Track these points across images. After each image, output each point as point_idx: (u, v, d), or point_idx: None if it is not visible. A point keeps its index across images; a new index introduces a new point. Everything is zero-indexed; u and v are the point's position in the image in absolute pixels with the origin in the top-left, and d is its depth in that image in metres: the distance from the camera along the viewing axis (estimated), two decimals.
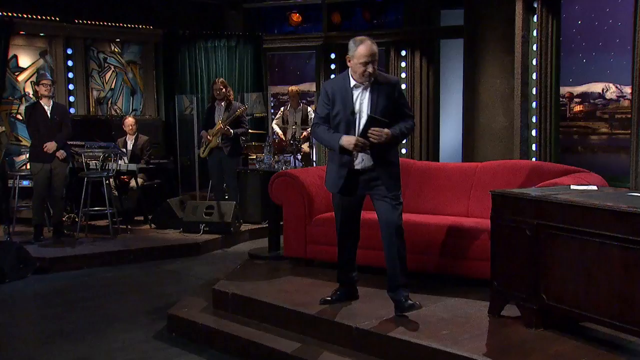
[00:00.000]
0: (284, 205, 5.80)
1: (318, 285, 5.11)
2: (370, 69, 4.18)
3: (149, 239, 8.08)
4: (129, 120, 9.12)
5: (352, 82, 4.26)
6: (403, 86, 10.72)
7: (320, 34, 11.39)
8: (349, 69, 4.28)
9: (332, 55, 11.39)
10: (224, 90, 8.43)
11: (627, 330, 3.47)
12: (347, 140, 4.17)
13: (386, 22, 11.06)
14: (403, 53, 10.82)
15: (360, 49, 4.17)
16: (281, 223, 6.00)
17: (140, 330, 5.08)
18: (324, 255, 5.62)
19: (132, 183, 8.76)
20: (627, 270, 3.39)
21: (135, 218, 9.01)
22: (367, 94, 4.25)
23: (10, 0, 9.78)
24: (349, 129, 4.25)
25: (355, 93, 4.26)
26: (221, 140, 8.36)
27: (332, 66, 11.44)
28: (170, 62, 11.21)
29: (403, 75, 10.78)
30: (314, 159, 10.12)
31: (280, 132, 9.71)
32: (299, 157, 8.85)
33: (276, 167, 6.84)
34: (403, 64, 10.81)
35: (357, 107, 4.26)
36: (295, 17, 11.47)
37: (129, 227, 8.54)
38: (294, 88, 9.82)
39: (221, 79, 8.69)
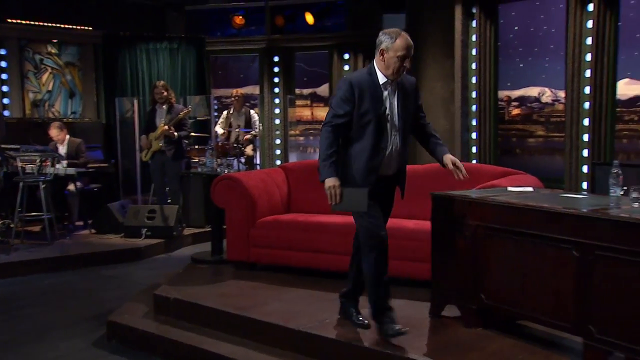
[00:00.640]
0: (226, 208, 5.77)
1: (261, 288, 5.09)
2: (407, 64, 3.81)
3: (89, 244, 7.90)
4: (53, 132, 8.66)
5: (382, 79, 3.82)
6: None
7: (264, 37, 11.37)
8: (375, 64, 3.84)
9: (276, 59, 11.38)
10: (165, 93, 8.32)
11: (561, 327, 3.57)
12: (331, 185, 3.78)
13: (329, 25, 11.13)
14: (346, 56, 10.90)
15: (399, 42, 3.75)
16: (224, 227, 5.96)
17: (79, 338, 4.96)
18: (267, 259, 5.64)
19: (71, 187, 8.54)
20: (560, 269, 3.49)
21: (75, 223, 8.79)
22: (395, 94, 3.89)
23: None
24: (381, 131, 3.84)
25: (385, 92, 3.86)
26: (164, 143, 8.24)
27: (276, 69, 11.43)
28: (111, 64, 11.00)
29: None
30: (258, 162, 10.08)
31: (223, 134, 9.63)
32: (243, 160, 8.80)
33: (219, 170, 6.78)
34: (346, 67, 10.89)
35: (387, 107, 3.88)
36: (239, 20, 11.42)
37: (68, 232, 8.34)
38: (237, 91, 9.76)
39: (162, 82, 8.57)
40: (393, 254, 5.00)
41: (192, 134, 9.35)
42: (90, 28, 10.95)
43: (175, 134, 8.19)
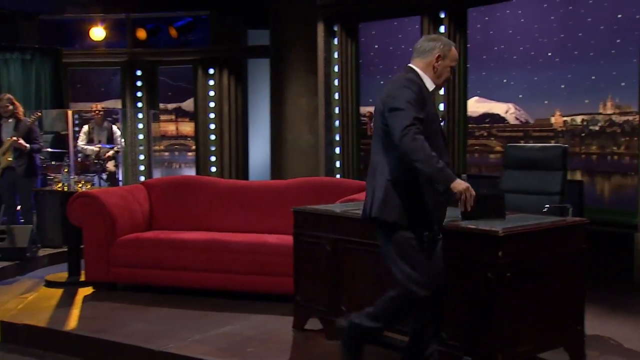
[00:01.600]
0: (84, 227, 5.54)
1: (121, 309, 4.92)
2: (450, 76, 3.49)
3: None
4: None
5: (430, 86, 3.36)
6: (211, 104, 10.72)
7: (126, 50, 11.03)
8: (419, 70, 3.34)
9: (138, 72, 11.07)
10: (10, 107, 7.82)
11: None
12: (465, 187, 3.13)
13: (193, 40, 10.99)
14: (211, 71, 10.81)
15: (454, 51, 3.40)
16: (82, 246, 5.71)
17: None
18: (128, 278, 5.50)
19: None
20: None
21: None
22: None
23: None
24: (445, 145, 3.40)
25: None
26: (14, 157, 7.75)
27: (139, 83, 11.12)
28: None
29: (211, 93, 10.75)
30: (120, 179, 9.74)
31: (87, 150, 9.19)
32: (104, 176, 8.47)
33: (76, 187, 6.48)
34: (211, 82, 10.80)
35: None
36: (98, 32, 11.01)
37: None
38: (97, 105, 9.40)
39: (7, 95, 8.06)
40: (256, 269, 5.05)
41: (49, 149, 8.88)
42: None
43: (27, 145, 7.73)
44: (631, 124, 6.05)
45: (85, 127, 9.36)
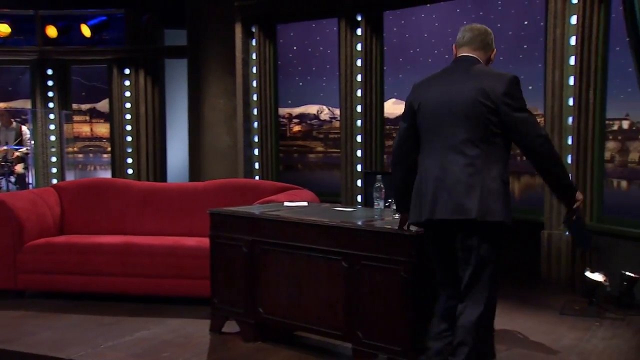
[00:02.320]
0: None
1: (29, 317, 4.74)
2: None
3: None
4: None
5: None
6: (127, 105, 10.47)
7: (35, 48, 10.61)
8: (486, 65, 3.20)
9: (49, 71, 10.67)
10: None
11: (333, 335, 3.75)
12: (581, 195, 3.18)
13: (108, 39, 10.67)
14: (127, 71, 10.55)
15: None
16: None
17: None
18: (38, 285, 5.30)
19: None
20: (331, 280, 3.66)
21: None
22: None
23: None
24: None
25: None
26: None
27: (50, 82, 10.72)
28: None
29: (127, 94, 10.50)
30: (31, 182, 9.38)
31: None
32: (12, 179, 8.15)
33: None
34: (127, 83, 10.54)
35: None
36: (4, 28, 10.54)
37: None
38: (3, 105, 9.02)
39: None
40: (173, 273, 4.97)
41: None
42: None
43: None
44: None
45: None
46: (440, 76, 3.20)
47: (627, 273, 4.92)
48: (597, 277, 4.84)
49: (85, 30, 10.27)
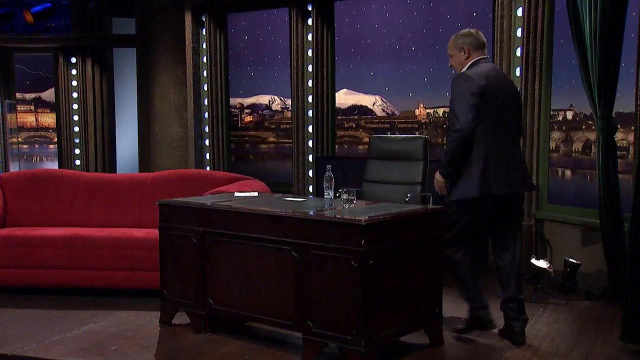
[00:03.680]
0: None
1: None
2: None
3: None
4: None
5: None
6: (75, 95, 10.24)
7: None
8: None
9: None
10: None
11: (284, 325, 3.75)
12: None
13: (53, 26, 10.40)
14: (73, 60, 10.30)
15: None
16: None
17: None
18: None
19: None
20: (281, 270, 3.66)
21: None
22: None
23: None
24: None
25: None
26: None
27: None
28: None
29: (74, 83, 10.26)
30: None
31: None
32: None
33: None
34: (74, 72, 10.29)
35: None
36: None
37: None
38: None
39: None
40: (122, 265, 4.91)
41: None
42: None
43: None
44: None
45: None
46: (496, 72, 4.00)
47: (570, 260, 5.05)
48: (542, 263, 4.96)
49: (28, 17, 9.99)
